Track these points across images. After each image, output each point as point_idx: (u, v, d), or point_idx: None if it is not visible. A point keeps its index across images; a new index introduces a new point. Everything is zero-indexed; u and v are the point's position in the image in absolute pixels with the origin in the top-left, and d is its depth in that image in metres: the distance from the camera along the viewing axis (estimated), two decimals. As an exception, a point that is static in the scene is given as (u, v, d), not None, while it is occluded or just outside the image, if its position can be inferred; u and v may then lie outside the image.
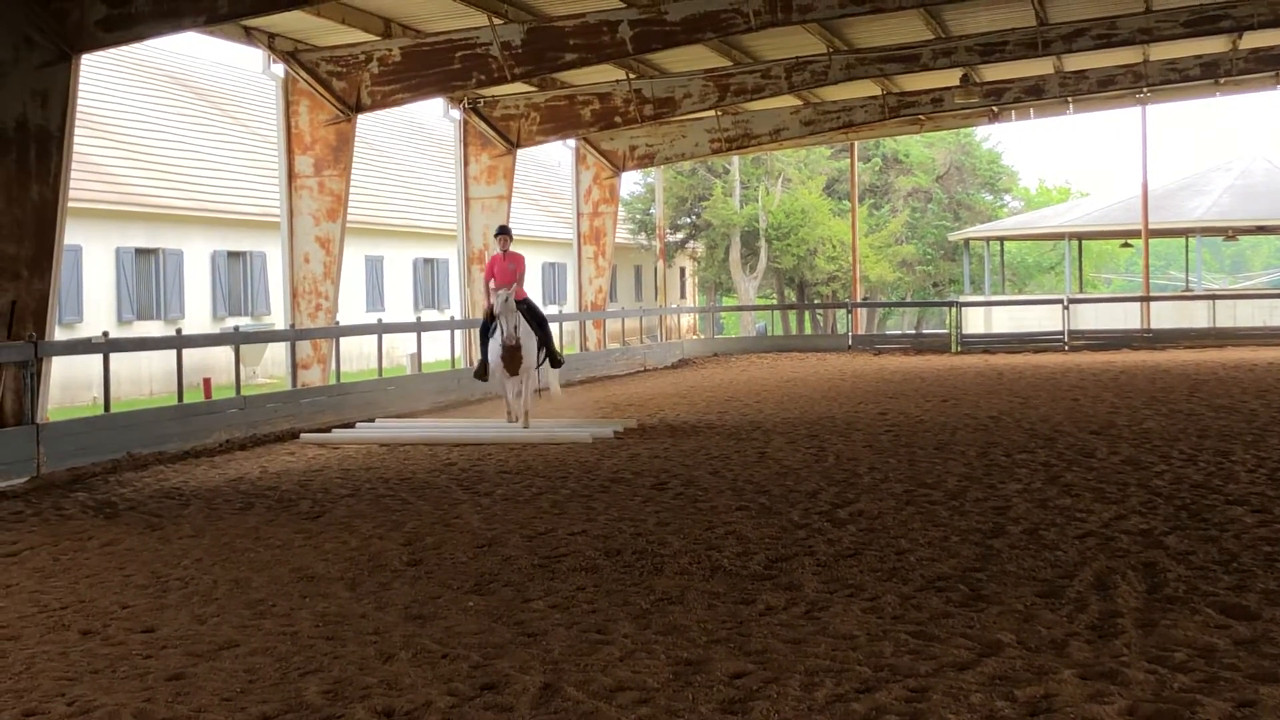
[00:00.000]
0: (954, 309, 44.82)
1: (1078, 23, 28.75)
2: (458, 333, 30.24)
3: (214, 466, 17.45)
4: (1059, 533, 11.28)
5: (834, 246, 59.76)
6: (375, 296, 43.91)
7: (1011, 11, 27.94)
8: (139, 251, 33.89)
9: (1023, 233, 57.19)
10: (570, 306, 45.08)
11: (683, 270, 65.60)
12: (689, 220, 62.29)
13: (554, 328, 43.80)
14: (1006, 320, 47.12)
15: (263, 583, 10.01)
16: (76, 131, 18.05)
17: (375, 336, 26.20)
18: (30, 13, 17.13)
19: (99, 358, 18.87)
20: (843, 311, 56.01)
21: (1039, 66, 34.58)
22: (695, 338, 47.65)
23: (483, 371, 20.62)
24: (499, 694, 7.06)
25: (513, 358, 19.95)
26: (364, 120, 25.94)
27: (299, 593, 9.64)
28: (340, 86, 24.48)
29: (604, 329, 38.15)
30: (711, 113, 35.56)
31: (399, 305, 44.90)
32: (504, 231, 21.16)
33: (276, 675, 7.53)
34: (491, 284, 20.40)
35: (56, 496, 14.88)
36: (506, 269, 20.46)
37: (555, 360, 21.39)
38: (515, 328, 19.76)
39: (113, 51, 32.28)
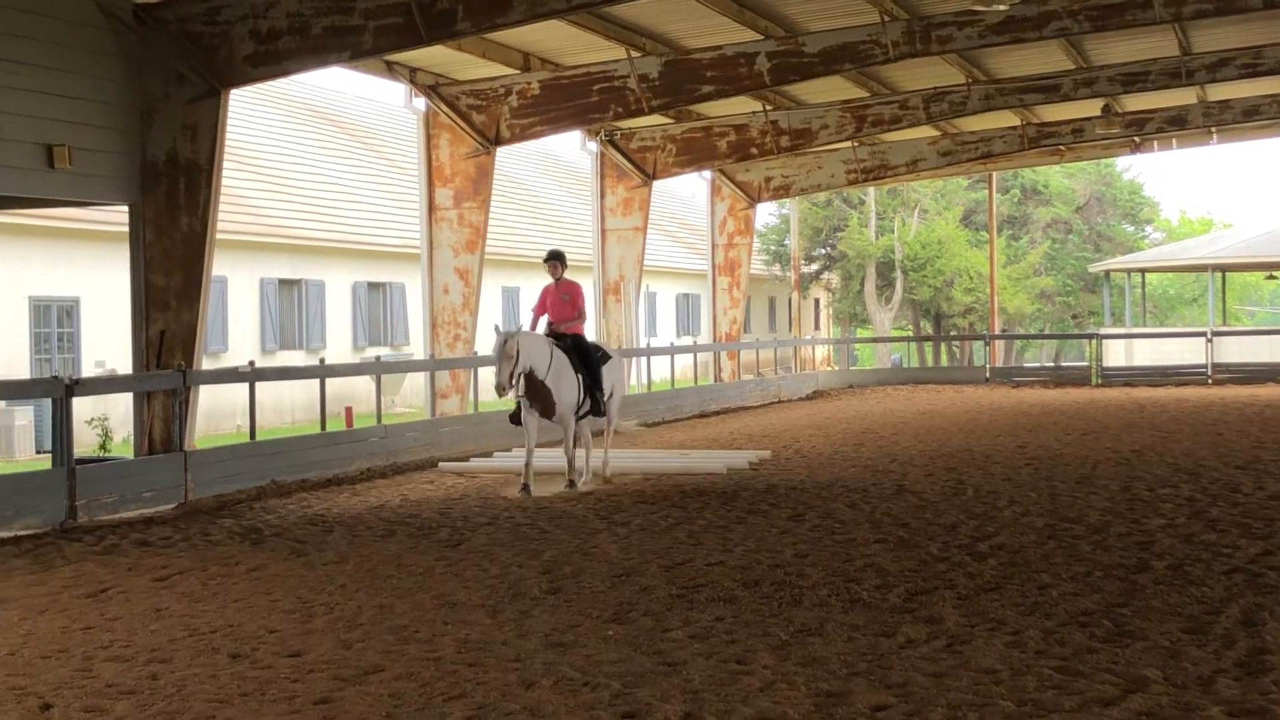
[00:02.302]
0: (1094, 341, 44.24)
1: (1222, 52, 28.33)
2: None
3: (356, 494, 17.69)
4: (1205, 568, 11.10)
5: (971, 277, 59.24)
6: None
7: (1154, 41, 27.60)
8: (282, 282, 34.47)
9: (1165, 264, 56.34)
10: (705, 337, 45.11)
11: (817, 301, 65.38)
12: (824, 251, 62.11)
13: (686, 360, 43.92)
14: (1148, 353, 46.37)
15: (406, 609, 10.14)
16: (224, 165, 18.43)
17: (512, 367, 26.36)
18: (181, 49, 17.56)
19: (244, 386, 19.24)
20: (980, 343, 55.52)
21: (1182, 96, 34.08)
22: (830, 369, 47.47)
23: (517, 415, 17.74)
24: (640, 722, 7.11)
25: (537, 398, 17.19)
26: (502, 153, 26.22)
27: (441, 619, 9.75)
28: (480, 120, 24.78)
29: (738, 360, 38.12)
30: (848, 143, 35.49)
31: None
32: (555, 257, 18.56)
33: (421, 700, 7.63)
34: (543, 320, 18.30)
35: (204, 522, 15.17)
36: (560, 300, 18.20)
37: (598, 409, 18.06)
38: (515, 377, 16.74)
39: (259, 86, 32.91)
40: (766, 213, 60.63)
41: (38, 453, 25.27)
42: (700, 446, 23.26)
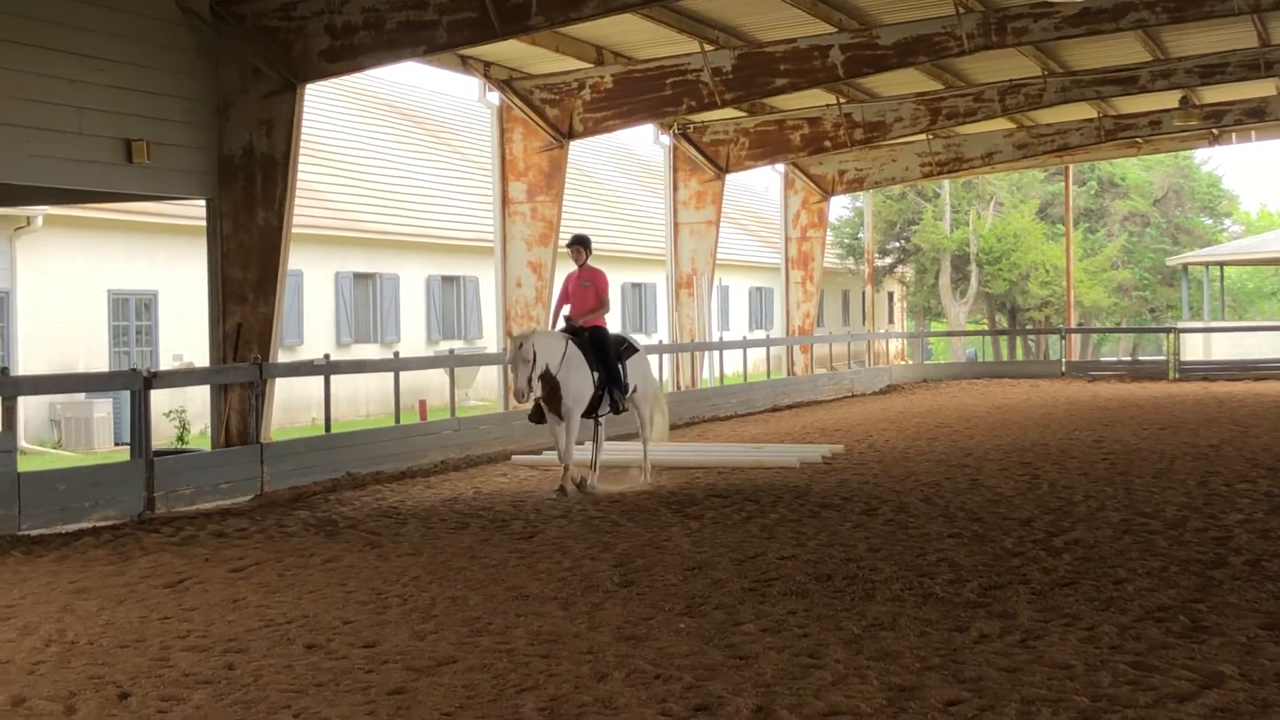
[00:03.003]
0: (1172, 335, 43.81)
1: (1302, 43, 28.01)
2: (665, 357, 30.40)
3: (429, 486, 17.78)
4: (1283, 565, 10.99)
5: (1047, 271, 58.80)
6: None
7: (1233, 32, 27.29)
8: (358, 276, 34.68)
9: (1244, 258, 55.65)
10: (777, 331, 45.04)
11: (891, 295, 65.12)
12: (898, 244, 61.84)
13: (759, 354, 43.86)
14: (1226, 347, 45.85)
15: (479, 601, 10.19)
16: (300, 159, 18.57)
17: (585, 360, 26.44)
18: (257, 45, 17.70)
19: (319, 379, 19.37)
20: (1056, 337, 55.11)
21: (1261, 88, 33.67)
22: (903, 363, 47.27)
23: (537, 413, 16.97)
24: (712, 715, 7.11)
25: (549, 394, 16.42)
26: (574, 146, 26.27)
27: (514, 611, 9.79)
28: (553, 113, 24.83)
29: (811, 354, 38.03)
30: (922, 136, 35.31)
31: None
32: (579, 242, 17.28)
33: (494, 692, 7.66)
34: (565, 311, 17.25)
35: (280, 514, 15.29)
36: (581, 289, 17.12)
37: (616, 408, 17.10)
38: (531, 380, 15.99)
39: (335, 81, 33.14)
40: (840, 206, 60.49)
41: (116, 445, 25.57)
42: (773, 440, 23.22)
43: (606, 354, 16.88)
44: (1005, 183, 60.20)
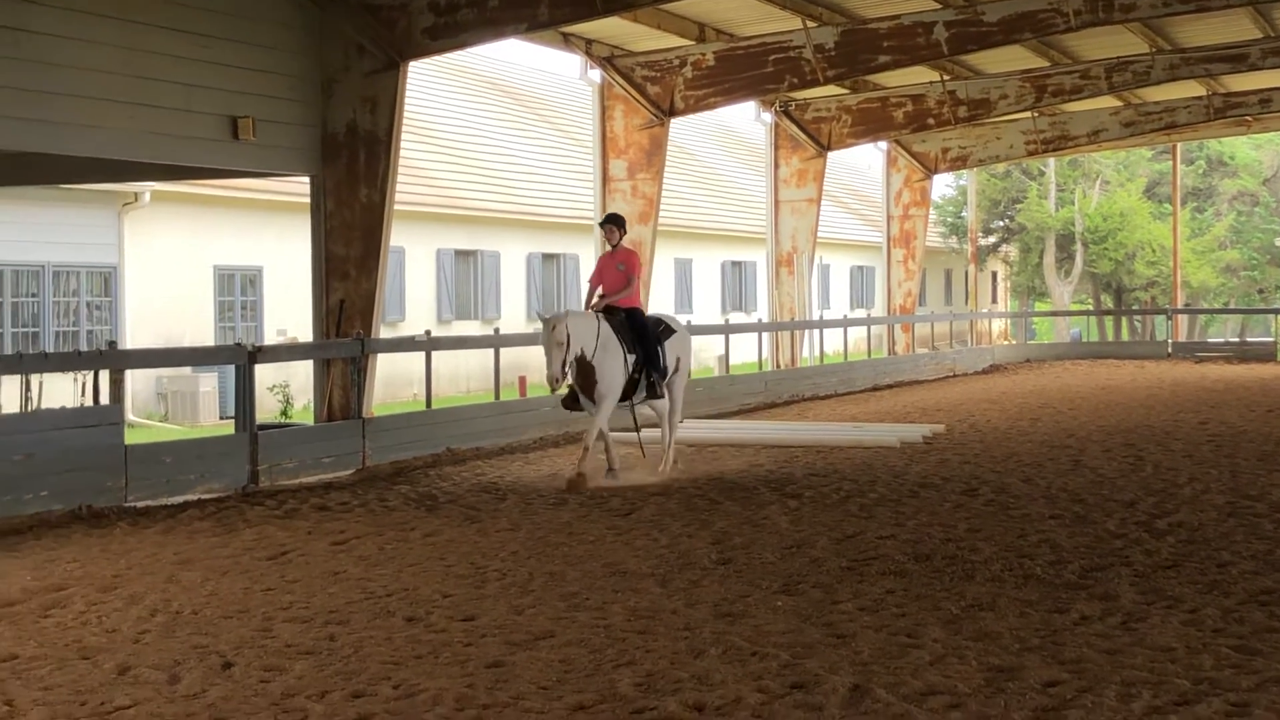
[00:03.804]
0: (1280, 316, 43.09)
1: None
2: (765, 335, 30.34)
3: (528, 463, 17.86)
4: (1393, 550, 10.80)
5: (1154, 251, 57.99)
6: (684, 299, 44.30)
7: (1347, 7, 26.76)
8: (459, 253, 34.86)
9: (1356, 237, 54.64)
10: (879, 310, 44.80)
11: (995, 274, 64.52)
12: (1002, 223, 61.23)
13: (859, 333, 43.63)
14: (1337, 328, 45.07)
15: (576, 576, 10.23)
16: (403, 136, 18.68)
17: (685, 338, 26.45)
18: (361, 22, 17.81)
19: (421, 355, 19.51)
20: (1162, 318, 54.35)
21: (1376, 64, 33.02)
22: (1007, 343, 46.84)
23: (572, 398, 16.26)
24: (809, 693, 7.10)
25: (583, 380, 15.70)
26: (675, 124, 26.23)
27: (611, 587, 9.82)
28: (654, 91, 24.80)
29: (913, 333, 37.79)
30: (1027, 114, 34.90)
31: (707, 308, 45.22)
32: (612, 221, 16.49)
33: (591, 666, 7.69)
34: (598, 292, 16.39)
35: (381, 488, 15.42)
36: (614, 270, 16.30)
37: (654, 392, 16.32)
38: (566, 366, 15.26)
39: (438, 59, 33.27)
40: (943, 184, 59.94)
41: (221, 418, 25.88)
42: (873, 419, 23.12)
43: (645, 335, 16.13)
44: (1112, 161, 59.43)
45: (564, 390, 16.09)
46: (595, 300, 16.21)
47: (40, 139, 15.04)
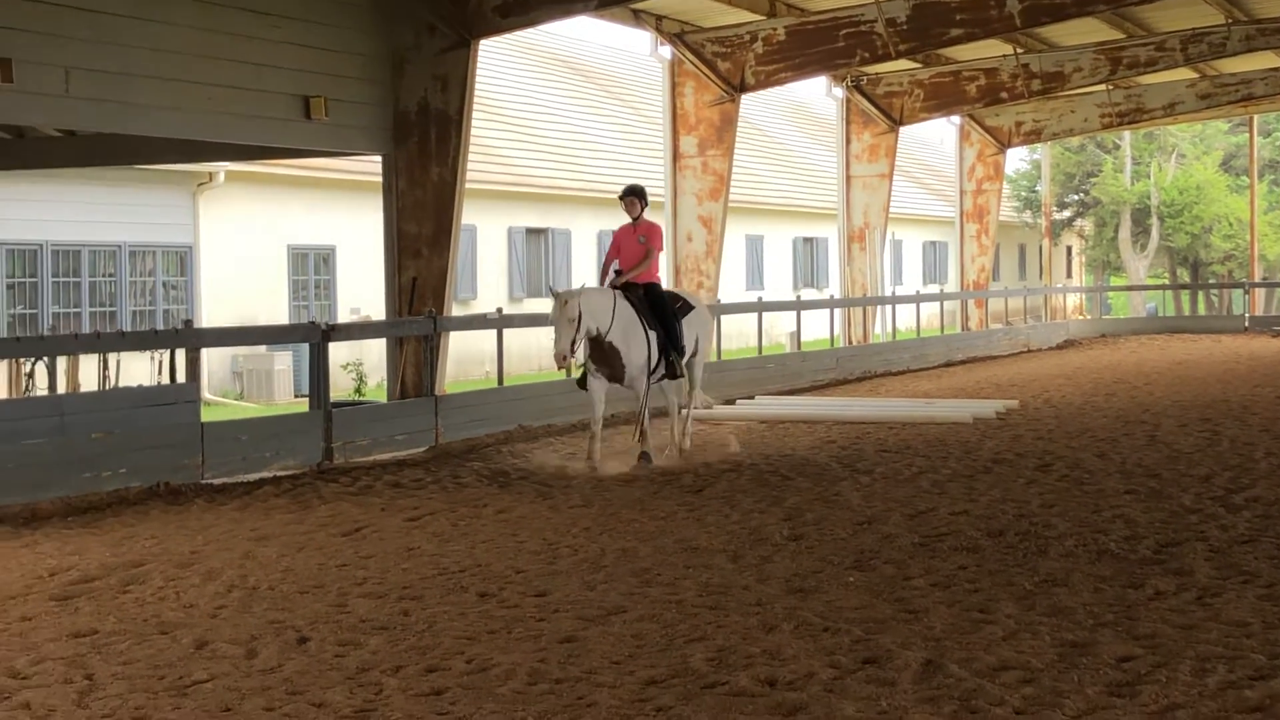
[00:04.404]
0: (1360, 290, 42.55)
1: None
2: (837, 312, 30.25)
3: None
4: None
5: (1231, 224, 57.34)
6: (755, 275, 44.23)
7: None
8: (530, 231, 34.95)
9: None
10: (951, 286, 44.55)
11: (1069, 249, 64.01)
12: (1076, 197, 60.72)
13: (932, 309, 43.41)
14: None
15: (648, 552, 10.26)
16: (473, 115, 18.72)
17: (755, 314, 26.45)
18: (432, 1, 17.85)
19: (492, 333, 19.58)
20: (1239, 292, 53.80)
21: None
22: (1082, 318, 46.50)
23: (585, 380, 15.56)
24: (881, 668, 7.09)
25: (603, 362, 15.11)
26: (745, 99, 26.15)
27: (683, 563, 9.84)
28: (725, 67, 24.73)
29: (986, 309, 37.58)
30: (1101, 86, 34.57)
31: (778, 284, 45.12)
32: (633, 193, 15.71)
33: (663, 642, 7.72)
34: (614, 267, 15.71)
35: (454, 465, 15.50)
36: (635, 244, 15.57)
37: (673, 372, 15.55)
38: (576, 344, 14.67)
39: (508, 37, 33.31)
40: (1017, 158, 59.44)
41: (296, 396, 26.10)
42: (946, 396, 23.02)
43: (665, 313, 15.41)
44: (1187, 134, 58.77)
45: (577, 372, 15.58)
46: (612, 276, 15.60)
47: (117, 120, 15.19)
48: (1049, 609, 8.25)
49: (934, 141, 62.19)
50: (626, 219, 15.72)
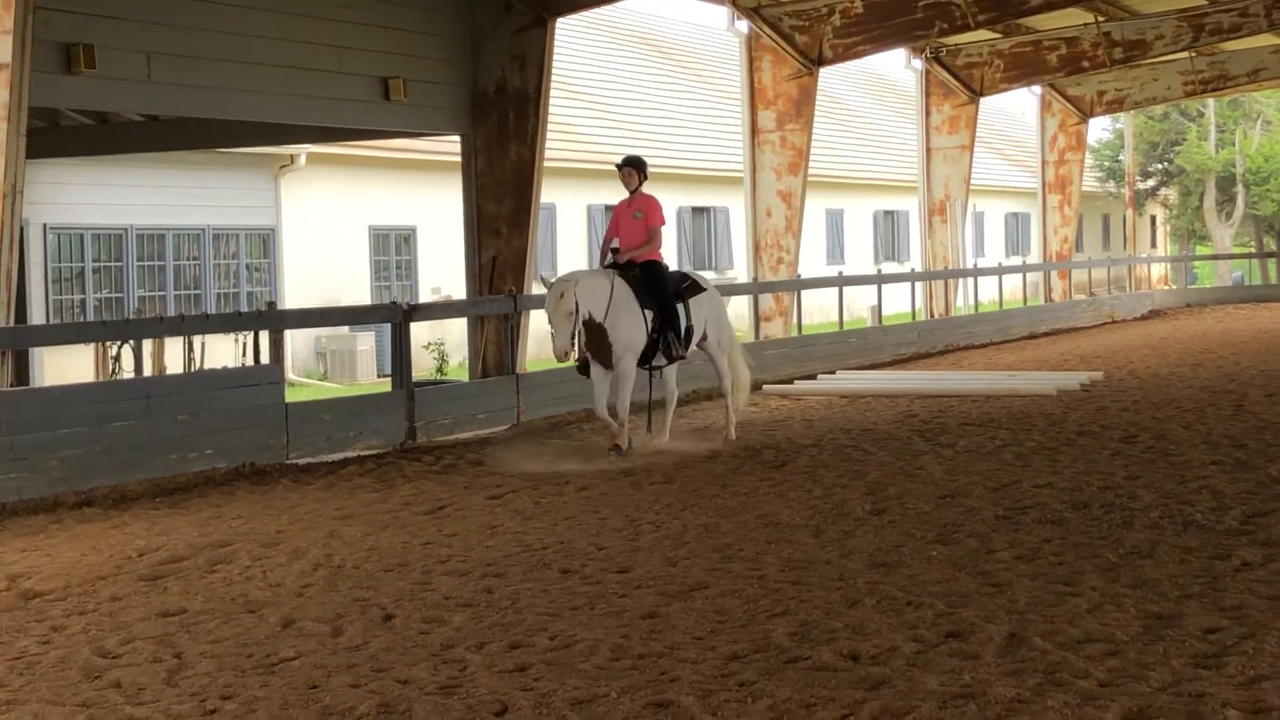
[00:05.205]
0: None
1: None
2: (918, 285, 30.08)
3: (681, 416, 17.86)
4: None
5: (1318, 191, 56.56)
6: (835, 249, 44.07)
7: None
8: (609, 209, 34.94)
9: None
10: (1034, 257, 44.17)
11: (1153, 218, 63.32)
12: (1160, 166, 60.04)
13: (1015, 281, 43.04)
14: None
15: (730, 528, 10.26)
16: (551, 93, 18.75)
17: (836, 289, 26.36)
18: (508, -21, 17.90)
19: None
20: (1327, 259, 53.05)
21: None
22: (1166, 288, 46.01)
23: (584, 366, 14.52)
24: (964, 641, 7.06)
25: (595, 346, 14.10)
26: (823, 73, 26.02)
27: (765, 538, 9.84)
28: (802, 41, 24.61)
29: (1069, 280, 37.25)
30: (1184, 54, 34.11)
31: (859, 257, 44.93)
32: (632, 164, 14.71)
33: (745, 616, 7.72)
34: (614, 245, 14.71)
35: (535, 443, 15.54)
36: (632, 220, 14.59)
37: (669, 352, 14.57)
38: (574, 336, 13.68)
39: (585, 14, 33.36)
40: (1099, 128, 58.83)
41: (379, 376, 26.28)
42: (1029, 368, 22.85)
43: (663, 292, 14.40)
44: (1273, 100, 57.94)
45: (573, 361, 14.49)
46: (611, 256, 14.61)
47: (198, 104, 15.37)
48: (1134, 581, 8.18)
49: (1015, 112, 61.64)
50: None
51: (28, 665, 7.27)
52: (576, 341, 13.79)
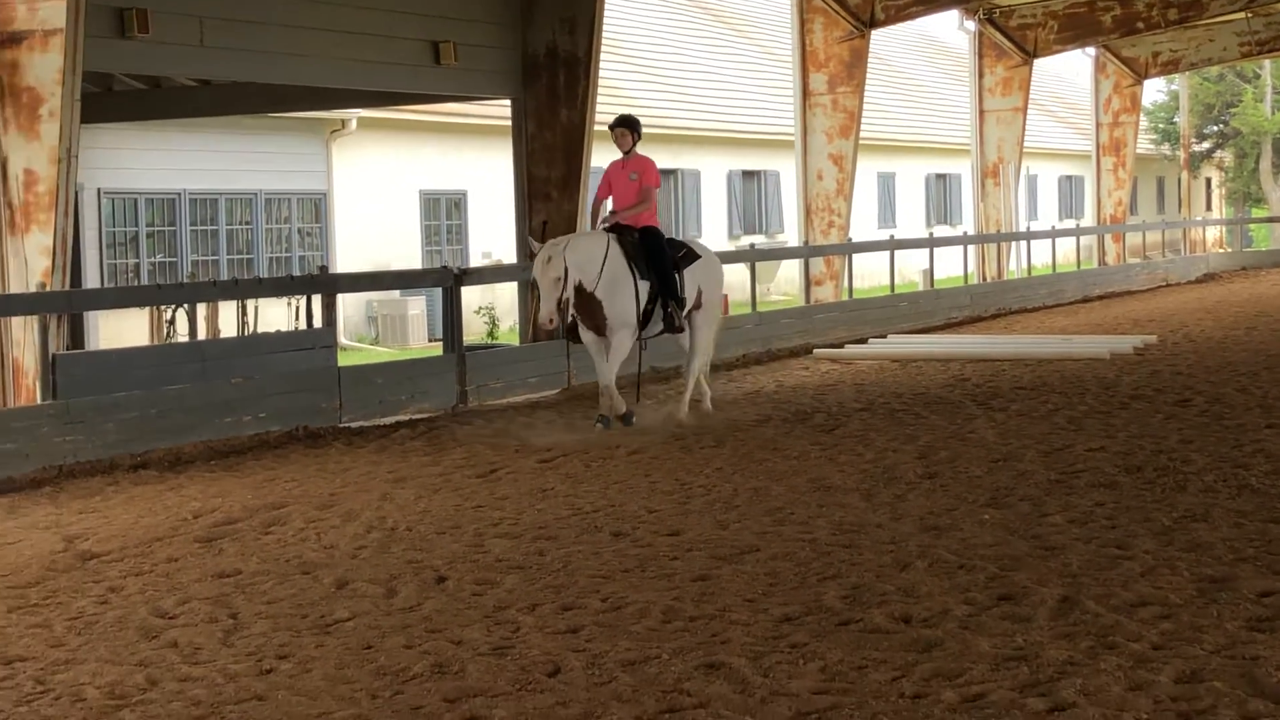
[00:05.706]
0: None
1: None
2: (970, 248, 29.93)
3: (731, 380, 17.90)
4: None
5: (1376, 153, 55.96)
6: (887, 213, 43.88)
7: None
8: (659, 172, 34.93)
9: None
10: (1088, 220, 43.91)
11: (1208, 181, 62.78)
12: (1216, 128, 59.50)
13: (1068, 244, 42.77)
14: None
15: (781, 491, 10.26)
16: (601, 57, 18.72)
17: (887, 253, 26.26)
18: (558, -57, 17.86)
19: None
20: (1385, 222, 52.50)
21: None
22: (1222, 251, 45.64)
23: (574, 329, 13.90)
24: (1016, 605, 7.05)
25: (587, 314, 13.51)
26: (875, 35, 25.88)
27: (816, 502, 9.83)
28: (854, 2, 24.48)
29: (1123, 243, 37.00)
30: (1241, 14, 33.73)
31: (911, 221, 44.71)
32: (625, 124, 14.35)
33: (796, 579, 7.73)
34: (606, 206, 14.34)
35: (586, 407, 15.54)
36: (626, 182, 14.13)
37: (671, 324, 13.98)
38: (560, 302, 13.11)
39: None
40: (1154, 89, 58.33)
41: (430, 340, 26.37)
42: (1083, 332, 22.73)
43: (662, 260, 13.79)
44: (1331, 61, 57.32)
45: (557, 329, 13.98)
46: (605, 216, 14.11)
47: (252, 68, 15.43)
48: (1188, 544, 8.14)
49: (1069, 74, 61.16)
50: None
51: (86, 625, 7.36)
52: (562, 310, 13.22)
